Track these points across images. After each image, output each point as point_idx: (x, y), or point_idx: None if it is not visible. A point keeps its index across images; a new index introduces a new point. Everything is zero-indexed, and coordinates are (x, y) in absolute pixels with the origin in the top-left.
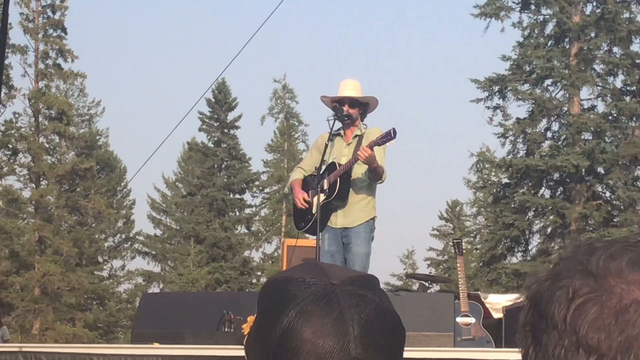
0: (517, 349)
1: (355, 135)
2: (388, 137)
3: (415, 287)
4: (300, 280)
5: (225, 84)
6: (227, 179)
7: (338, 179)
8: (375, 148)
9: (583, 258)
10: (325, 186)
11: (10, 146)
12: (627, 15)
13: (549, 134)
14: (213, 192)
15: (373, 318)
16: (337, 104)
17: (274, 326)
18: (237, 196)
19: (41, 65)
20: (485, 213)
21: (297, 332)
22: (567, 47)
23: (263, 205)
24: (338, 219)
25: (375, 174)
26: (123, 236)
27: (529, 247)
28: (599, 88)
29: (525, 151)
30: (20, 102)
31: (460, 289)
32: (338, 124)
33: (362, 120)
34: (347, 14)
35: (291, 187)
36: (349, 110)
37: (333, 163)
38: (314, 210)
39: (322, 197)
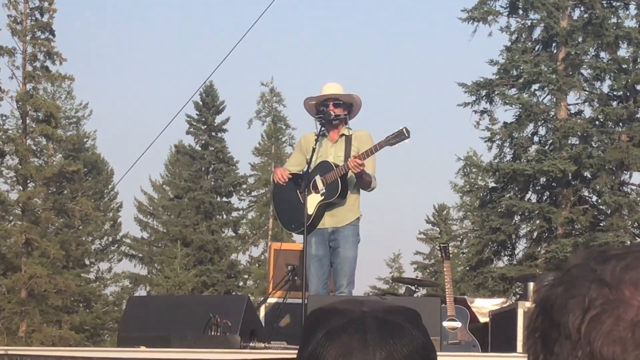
0: (502, 354)
1: (342, 135)
2: (401, 136)
3: (401, 291)
4: (334, 309)
5: (213, 87)
6: (214, 182)
7: (339, 178)
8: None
9: (597, 266)
10: (321, 185)
11: None
12: (614, 20)
13: (535, 139)
14: (200, 195)
15: (398, 344)
16: (322, 106)
17: (305, 349)
18: (224, 199)
19: (29, 68)
20: (471, 217)
21: (322, 354)
22: (555, 51)
23: (250, 208)
24: (325, 219)
25: (364, 183)
26: (110, 239)
27: (516, 252)
28: (586, 93)
29: (512, 155)
30: (7, 104)
31: (446, 293)
32: (321, 125)
33: (347, 123)
34: (335, 18)
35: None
36: (334, 110)
37: (327, 162)
38: (309, 211)
39: (319, 196)
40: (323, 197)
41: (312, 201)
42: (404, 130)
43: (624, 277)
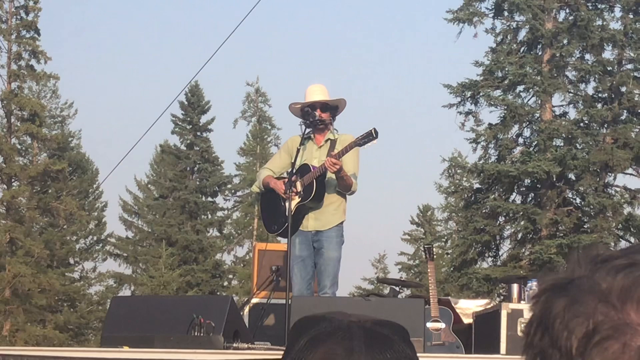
0: (486, 355)
1: (327, 139)
2: (369, 137)
3: (386, 291)
4: (320, 317)
5: (199, 86)
6: (199, 182)
7: (314, 180)
8: (350, 155)
9: (602, 281)
10: (299, 188)
11: None
12: (599, 22)
13: (520, 140)
14: (185, 194)
15: (385, 355)
16: (309, 109)
17: (289, 354)
18: (209, 199)
19: (14, 67)
20: (456, 218)
21: (305, 358)
22: (540, 53)
23: (235, 208)
24: (309, 222)
25: (344, 184)
26: (94, 238)
27: (500, 253)
28: (571, 95)
29: (496, 157)
30: None
31: (430, 294)
32: (307, 129)
33: (332, 125)
34: (320, 18)
35: (265, 183)
36: (322, 115)
37: (306, 165)
38: (286, 213)
39: (297, 199)
40: (300, 199)
41: (289, 204)
42: (373, 131)
43: (631, 295)
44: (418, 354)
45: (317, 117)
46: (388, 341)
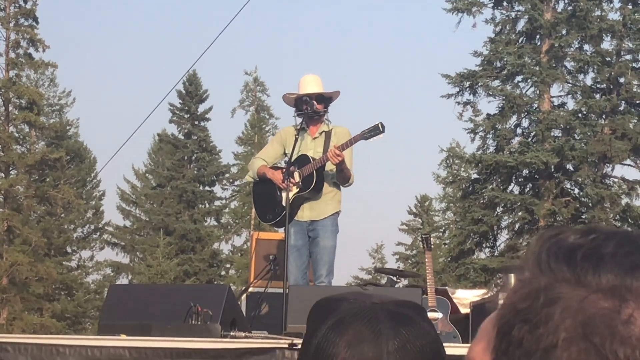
0: None
1: (322, 131)
2: (376, 131)
3: (383, 281)
4: (344, 298)
5: (197, 75)
6: (197, 171)
7: (314, 172)
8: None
9: (569, 295)
10: (297, 179)
11: None
12: (598, 13)
13: (518, 131)
14: (183, 184)
15: (411, 336)
16: (307, 99)
17: (313, 337)
18: (207, 188)
19: (12, 55)
20: (454, 208)
21: (332, 342)
22: (538, 44)
23: (233, 197)
24: (305, 212)
25: (342, 176)
26: (92, 227)
27: (497, 243)
28: (569, 85)
29: (495, 147)
30: None
31: (428, 283)
32: (300, 119)
33: (325, 115)
34: (319, 8)
35: (260, 172)
36: (318, 107)
37: (305, 156)
38: (283, 203)
39: (295, 189)
40: (298, 189)
41: (287, 194)
42: (379, 125)
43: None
44: None
45: (315, 107)
46: (411, 321)
